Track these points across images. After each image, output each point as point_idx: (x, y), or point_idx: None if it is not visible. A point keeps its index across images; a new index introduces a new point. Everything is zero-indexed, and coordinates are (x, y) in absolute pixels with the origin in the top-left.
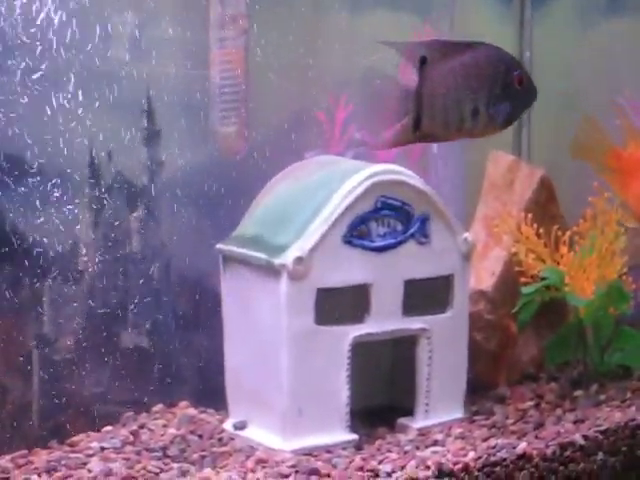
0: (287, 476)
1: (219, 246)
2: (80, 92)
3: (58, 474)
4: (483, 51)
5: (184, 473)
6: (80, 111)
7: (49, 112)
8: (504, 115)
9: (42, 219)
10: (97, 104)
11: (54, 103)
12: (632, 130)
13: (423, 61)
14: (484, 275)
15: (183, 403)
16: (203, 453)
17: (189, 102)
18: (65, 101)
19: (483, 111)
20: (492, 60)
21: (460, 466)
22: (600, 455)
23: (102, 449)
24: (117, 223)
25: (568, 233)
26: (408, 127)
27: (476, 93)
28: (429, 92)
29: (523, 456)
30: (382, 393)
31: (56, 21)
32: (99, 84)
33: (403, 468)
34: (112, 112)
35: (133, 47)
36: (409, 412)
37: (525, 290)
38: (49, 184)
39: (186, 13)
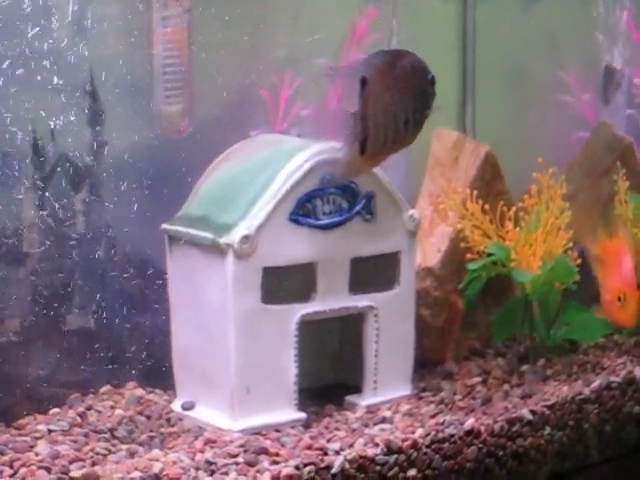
0: (236, 456)
1: (164, 226)
2: (22, 72)
3: (5, 457)
4: (406, 61)
5: (132, 454)
6: (22, 92)
7: None
8: (424, 119)
9: None
10: (39, 84)
11: None
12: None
13: (364, 82)
14: (430, 252)
15: (131, 384)
16: (151, 434)
17: (133, 82)
18: (6, 82)
19: (411, 120)
20: (414, 69)
21: (408, 443)
22: (548, 430)
23: (49, 431)
24: (62, 204)
25: (513, 209)
26: (357, 152)
27: (407, 104)
28: (372, 113)
29: (471, 432)
30: (330, 371)
31: None
32: (41, 64)
33: (351, 446)
34: (55, 92)
35: (76, 26)
36: (357, 389)
37: (471, 266)
38: None
39: None
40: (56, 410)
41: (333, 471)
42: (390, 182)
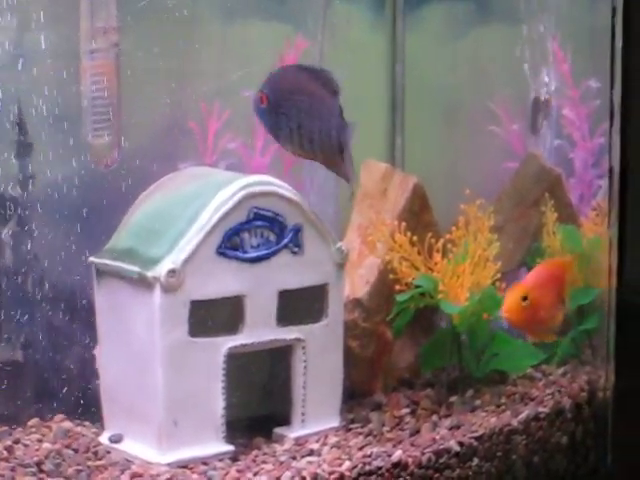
0: None
1: (92, 259)
2: None
3: None
4: None
5: None
6: None
7: None
8: None
9: None
10: None
11: None
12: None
13: None
14: (359, 283)
15: (59, 416)
16: (78, 467)
17: (61, 114)
18: None
19: None
20: None
21: (335, 476)
22: (475, 461)
23: None
24: None
25: (442, 240)
26: None
27: None
28: None
29: (398, 464)
30: (259, 403)
31: None
32: None
33: (278, 479)
34: None
35: (3, 58)
36: (286, 421)
37: (399, 298)
38: None
39: (57, 24)
40: None
41: None
42: (318, 215)
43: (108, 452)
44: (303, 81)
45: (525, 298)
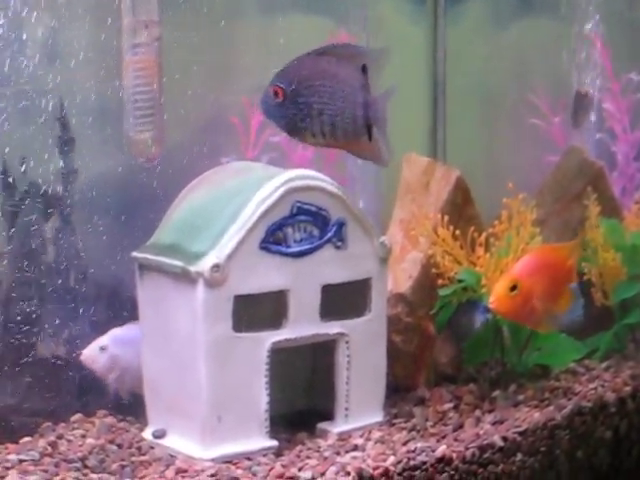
0: None
1: (135, 254)
2: None
3: None
4: None
5: None
6: None
7: None
8: None
9: None
10: (9, 112)
11: None
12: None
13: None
14: (402, 278)
15: (102, 412)
16: (122, 463)
17: (103, 109)
18: None
19: None
20: None
21: (380, 471)
22: (519, 456)
23: (20, 461)
24: (32, 232)
25: (484, 234)
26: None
27: None
28: None
29: (442, 459)
30: (302, 398)
31: None
32: (12, 91)
33: (323, 474)
34: (25, 120)
35: (46, 54)
36: (329, 416)
37: (442, 292)
38: None
39: (99, 19)
40: (27, 439)
41: None
42: (361, 209)
43: (152, 447)
44: (324, 64)
45: (514, 288)
